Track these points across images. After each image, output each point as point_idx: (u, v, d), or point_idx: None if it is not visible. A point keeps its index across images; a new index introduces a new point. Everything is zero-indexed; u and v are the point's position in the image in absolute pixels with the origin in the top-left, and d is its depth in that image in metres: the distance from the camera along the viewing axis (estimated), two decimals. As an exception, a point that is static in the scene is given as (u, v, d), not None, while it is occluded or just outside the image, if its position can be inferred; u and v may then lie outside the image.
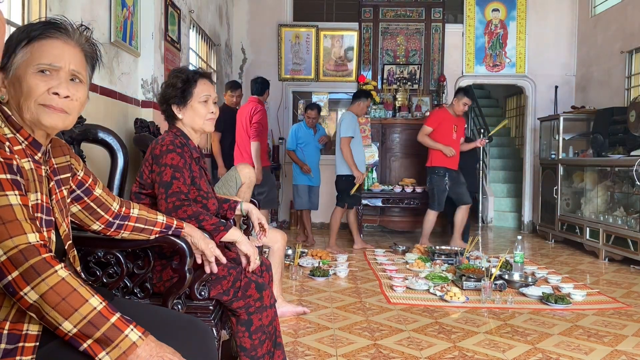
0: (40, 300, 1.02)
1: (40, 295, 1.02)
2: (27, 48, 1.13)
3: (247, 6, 7.10)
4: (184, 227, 1.62)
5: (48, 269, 1.03)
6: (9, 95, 1.15)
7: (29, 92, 1.12)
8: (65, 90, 1.14)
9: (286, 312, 3.09)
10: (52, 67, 1.13)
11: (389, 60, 7.09)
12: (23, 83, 1.13)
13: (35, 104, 1.13)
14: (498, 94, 9.90)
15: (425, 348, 2.64)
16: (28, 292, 1.02)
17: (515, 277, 3.98)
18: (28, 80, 1.12)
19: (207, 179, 2.08)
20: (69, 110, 1.17)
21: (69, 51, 1.16)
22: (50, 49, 1.14)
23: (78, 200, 1.39)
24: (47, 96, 1.13)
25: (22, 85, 1.13)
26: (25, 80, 1.12)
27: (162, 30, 3.64)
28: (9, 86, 1.15)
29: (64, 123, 1.18)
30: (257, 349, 1.83)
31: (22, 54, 1.13)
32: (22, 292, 1.02)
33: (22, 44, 1.13)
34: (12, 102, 1.15)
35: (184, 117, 1.98)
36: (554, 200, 6.13)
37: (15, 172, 1.08)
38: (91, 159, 2.39)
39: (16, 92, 1.14)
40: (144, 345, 1.06)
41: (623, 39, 5.89)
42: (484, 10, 7.09)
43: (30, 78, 1.12)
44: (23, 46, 1.13)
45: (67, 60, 1.15)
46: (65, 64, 1.15)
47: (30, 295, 1.02)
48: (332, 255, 4.98)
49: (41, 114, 1.14)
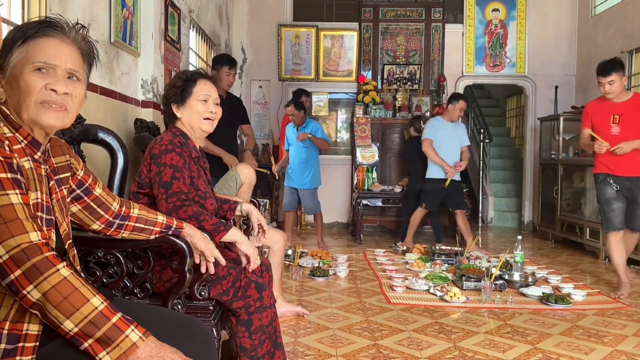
0: (43, 298, 1.02)
1: (42, 293, 1.02)
2: (23, 47, 1.13)
3: (247, 6, 7.11)
4: (184, 227, 1.62)
5: (50, 268, 1.04)
6: (6, 95, 1.15)
7: (27, 91, 1.12)
8: (63, 87, 1.14)
9: (286, 312, 3.09)
10: (48, 65, 1.13)
11: (389, 60, 7.09)
12: (20, 82, 1.12)
13: (34, 103, 1.13)
14: (498, 94, 9.89)
15: (425, 348, 2.64)
16: (31, 291, 1.02)
17: (515, 277, 3.97)
18: (25, 78, 1.12)
19: (207, 179, 2.08)
20: (69, 106, 1.17)
21: (65, 49, 1.16)
22: (46, 47, 1.14)
23: (78, 199, 1.38)
24: (45, 92, 1.13)
25: (19, 84, 1.12)
26: (22, 79, 1.12)
27: (162, 30, 3.64)
28: (7, 86, 1.14)
29: (62, 122, 1.17)
30: (257, 349, 1.83)
31: (18, 53, 1.13)
32: (24, 290, 1.02)
33: (17, 43, 1.13)
34: (10, 102, 1.15)
35: (183, 115, 1.98)
36: (554, 200, 6.13)
37: (15, 171, 1.08)
38: (91, 159, 2.39)
39: (14, 91, 1.14)
40: (144, 346, 1.06)
41: (623, 39, 5.88)
42: (484, 10, 7.09)
43: (27, 76, 1.12)
44: (19, 45, 1.13)
45: (63, 59, 1.15)
46: (62, 62, 1.15)
47: (33, 293, 1.02)
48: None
49: (40, 113, 1.14)
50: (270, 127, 7.16)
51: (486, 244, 5.99)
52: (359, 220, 6.06)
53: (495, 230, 7.30)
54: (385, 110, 6.78)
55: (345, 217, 7.19)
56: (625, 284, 3.67)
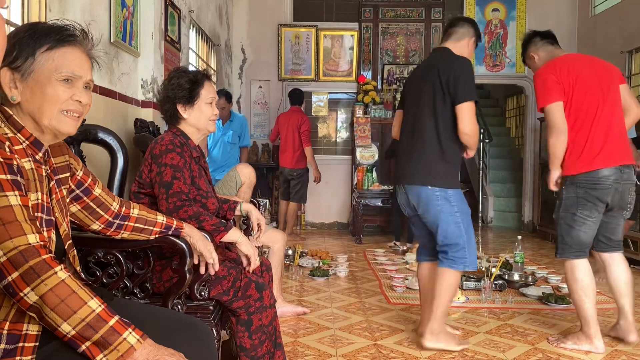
0: (40, 301, 1.02)
1: (39, 296, 1.02)
2: (49, 54, 1.15)
3: (247, 6, 7.11)
4: (184, 227, 1.62)
5: (48, 270, 1.03)
6: (22, 98, 1.15)
7: (54, 99, 1.15)
8: (86, 99, 1.20)
9: (286, 312, 3.09)
10: (74, 76, 1.18)
11: (389, 60, 7.09)
12: (47, 89, 1.14)
13: (57, 111, 1.16)
14: (498, 94, 9.89)
15: (425, 348, 2.64)
16: (28, 293, 1.02)
17: (515, 277, 3.98)
18: (54, 87, 1.15)
19: (208, 178, 2.08)
20: (83, 115, 1.23)
21: (86, 61, 1.22)
22: (72, 58, 1.18)
23: (77, 199, 1.39)
24: (70, 102, 1.18)
25: (44, 91, 1.14)
26: (49, 87, 1.14)
27: (162, 31, 3.64)
28: (25, 89, 1.15)
29: (76, 129, 1.23)
30: (257, 349, 1.83)
31: (44, 60, 1.14)
32: (22, 293, 1.02)
33: (42, 49, 1.14)
34: (27, 105, 1.15)
35: (190, 117, 1.99)
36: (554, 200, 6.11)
37: (15, 173, 1.08)
38: (91, 159, 2.39)
39: (35, 96, 1.14)
40: (142, 349, 1.06)
41: (623, 39, 5.88)
42: (483, 10, 7.09)
43: (55, 85, 1.15)
44: (44, 51, 1.14)
45: (85, 70, 1.20)
46: (85, 74, 1.20)
47: (30, 296, 1.02)
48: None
49: (61, 121, 1.18)
50: (270, 127, 7.16)
51: (486, 244, 5.99)
52: (359, 220, 6.06)
53: (495, 230, 7.30)
54: (385, 110, 6.78)
55: (345, 217, 7.19)
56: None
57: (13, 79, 1.14)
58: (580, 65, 2.70)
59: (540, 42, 2.95)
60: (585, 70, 2.67)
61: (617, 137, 2.64)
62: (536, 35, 3.00)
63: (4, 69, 1.12)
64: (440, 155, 2.52)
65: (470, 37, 2.69)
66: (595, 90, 2.62)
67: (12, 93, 1.14)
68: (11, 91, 1.14)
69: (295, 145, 6.04)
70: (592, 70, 2.68)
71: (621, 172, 2.61)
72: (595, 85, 2.63)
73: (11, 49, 1.12)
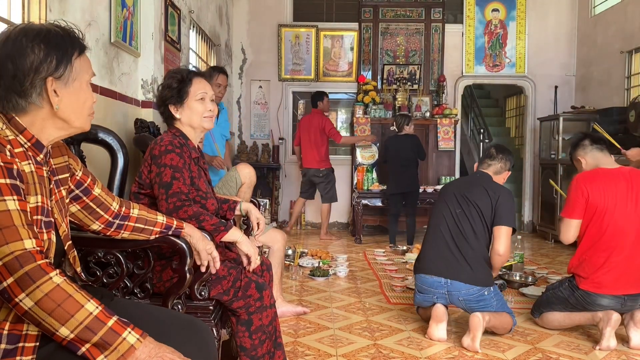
0: (36, 307, 1.02)
1: (35, 302, 1.02)
2: (79, 60, 1.20)
3: (247, 6, 7.11)
4: (184, 227, 1.62)
5: (42, 276, 1.03)
6: (62, 104, 1.17)
7: (86, 103, 1.23)
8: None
9: (286, 312, 3.09)
10: (89, 80, 1.26)
11: (389, 60, 7.09)
12: (81, 94, 1.20)
13: (87, 113, 1.24)
14: (498, 94, 9.90)
15: (425, 348, 2.64)
16: (23, 299, 1.02)
17: (515, 277, 3.98)
18: (85, 91, 1.22)
19: (207, 179, 2.08)
20: None
21: None
22: (89, 62, 1.24)
23: (77, 200, 1.38)
24: (92, 106, 1.27)
25: (79, 96, 1.20)
26: (82, 92, 1.21)
27: (162, 31, 3.64)
28: (64, 95, 1.17)
29: None
30: (257, 348, 1.84)
31: (78, 65, 1.19)
32: (17, 298, 1.02)
33: (75, 55, 1.18)
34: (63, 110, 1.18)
35: (182, 116, 1.99)
36: (554, 200, 6.13)
37: (15, 177, 1.08)
38: (91, 159, 2.39)
39: (72, 101, 1.19)
40: (143, 347, 1.06)
41: (623, 39, 5.89)
42: (483, 10, 7.09)
43: (87, 89, 1.23)
44: (76, 57, 1.19)
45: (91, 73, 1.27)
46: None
47: (25, 302, 1.02)
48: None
49: (88, 121, 1.26)
50: (270, 127, 7.16)
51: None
52: (359, 220, 6.06)
53: (495, 230, 7.29)
54: (385, 110, 6.78)
55: (345, 217, 7.19)
56: None
57: (56, 87, 1.16)
58: (616, 186, 2.69)
59: (589, 146, 2.91)
60: (620, 191, 2.67)
61: (636, 268, 2.65)
62: (586, 137, 2.97)
63: (49, 78, 1.14)
64: None
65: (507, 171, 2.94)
66: (627, 215, 2.64)
67: (55, 102, 1.16)
68: (53, 100, 1.16)
69: (318, 145, 6.05)
70: (630, 192, 2.68)
71: (624, 300, 2.66)
72: (630, 211, 2.65)
73: (44, 58, 1.13)
